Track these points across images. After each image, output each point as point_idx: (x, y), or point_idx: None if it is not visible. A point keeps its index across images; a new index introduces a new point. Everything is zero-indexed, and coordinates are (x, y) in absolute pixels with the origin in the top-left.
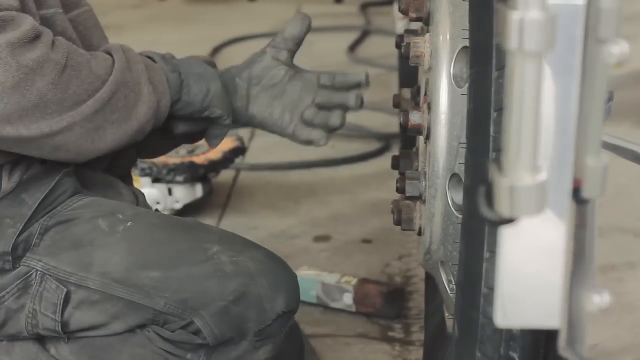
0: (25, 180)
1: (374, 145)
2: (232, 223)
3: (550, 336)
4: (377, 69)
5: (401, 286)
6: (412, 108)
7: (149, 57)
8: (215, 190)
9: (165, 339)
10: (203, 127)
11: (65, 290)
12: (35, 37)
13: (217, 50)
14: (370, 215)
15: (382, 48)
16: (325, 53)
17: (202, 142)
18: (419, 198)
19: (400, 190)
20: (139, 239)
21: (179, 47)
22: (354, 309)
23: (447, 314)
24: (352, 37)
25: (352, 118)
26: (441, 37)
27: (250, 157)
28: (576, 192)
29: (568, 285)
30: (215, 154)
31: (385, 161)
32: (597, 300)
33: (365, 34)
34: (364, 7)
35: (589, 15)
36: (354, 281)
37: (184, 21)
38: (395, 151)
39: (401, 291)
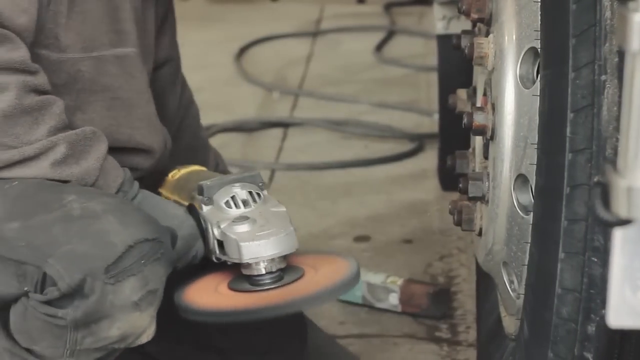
0: None
1: (406, 145)
2: None
3: (624, 337)
4: (404, 68)
5: (446, 286)
6: (475, 109)
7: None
8: None
9: (40, 302)
10: None
11: None
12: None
13: (243, 50)
14: (408, 215)
15: (408, 48)
16: (352, 53)
17: None
18: (482, 198)
19: (463, 190)
20: (14, 194)
21: (204, 47)
22: (399, 309)
23: (503, 314)
24: (377, 37)
25: (383, 118)
26: (506, 38)
27: (285, 157)
28: None
29: None
30: None
31: (419, 161)
32: None
33: (390, 34)
34: (388, 7)
35: None
36: (400, 281)
37: (207, 21)
38: (429, 151)
39: (446, 291)
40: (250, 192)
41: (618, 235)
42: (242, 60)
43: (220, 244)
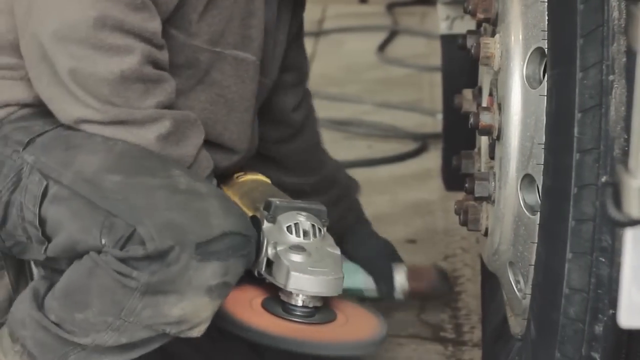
0: None
1: (409, 145)
2: None
3: (632, 337)
4: (407, 68)
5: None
6: (482, 109)
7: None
8: None
9: (117, 258)
10: None
11: (45, 183)
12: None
13: None
14: (412, 215)
15: (410, 48)
16: (354, 53)
17: None
18: (488, 198)
19: (469, 190)
20: (119, 150)
21: None
22: (406, 287)
23: (509, 314)
24: (380, 37)
25: (386, 118)
26: (513, 38)
27: None
28: None
29: None
30: None
31: (422, 161)
32: None
33: (393, 34)
34: (390, 7)
35: None
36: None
37: None
38: (432, 151)
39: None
40: (313, 225)
41: (629, 236)
42: None
43: (270, 263)
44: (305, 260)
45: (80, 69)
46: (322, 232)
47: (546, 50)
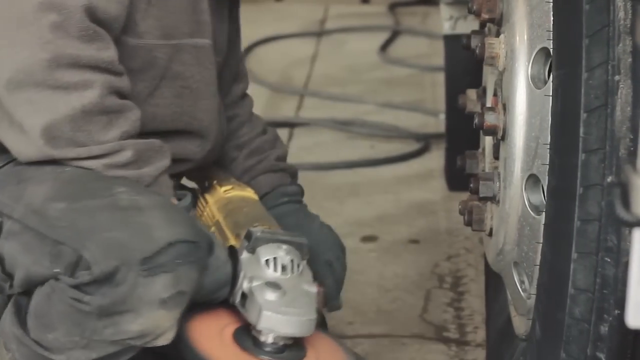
0: None
1: (412, 145)
2: None
3: (637, 337)
4: (409, 68)
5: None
6: (486, 109)
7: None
8: None
9: (69, 285)
10: None
11: (0, 220)
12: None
13: (248, 50)
14: (415, 215)
15: (412, 48)
16: (356, 53)
17: None
18: (492, 199)
19: (474, 190)
20: (66, 177)
21: None
22: None
23: (513, 314)
24: (382, 37)
25: (389, 118)
26: (518, 38)
27: (291, 157)
28: None
29: None
30: None
31: (425, 161)
32: None
33: (395, 34)
34: (392, 7)
35: None
36: None
37: None
38: (435, 151)
39: None
40: (292, 260)
41: (637, 235)
42: (246, 60)
43: (244, 296)
44: (278, 299)
45: (38, 118)
46: (301, 267)
47: (551, 50)
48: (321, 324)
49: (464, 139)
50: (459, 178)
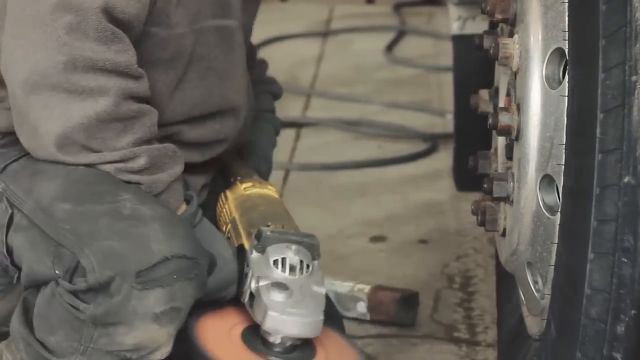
0: None
1: (419, 145)
2: None
3: None
4: (415, 69)
5: (415, 291)
6: (500, 109)
7: None
8: None
9: (67, 290)
10: None
11: (11, 211)
12: None
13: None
14: (424, 215)
15: (418, 48)
16: (362, 53)
17: None
18: (506, 199)
19: (488, 191)
20: (76, 176)
21: None
22: (368, 317)
23: (526, 314)
24: (387, 37)
25: (396, 118)
26: (532, 38)
27: (298, 157)
28: None
29: None
30: None
31: (433, 161)
32: None
33: (400, 34)
34: (397, 7)
35: None
36: (367, 289)
37: None
38: (442, 151)
39: (415, 296)
40: (301, 261)
41: None
42: None
43: (252, 296)
44: (285, 300)
45: (52, 124)
46: (310, 268)
47: (566, 50)
48: (338, 325)
49: (472, 139)
50: (467, 178)
